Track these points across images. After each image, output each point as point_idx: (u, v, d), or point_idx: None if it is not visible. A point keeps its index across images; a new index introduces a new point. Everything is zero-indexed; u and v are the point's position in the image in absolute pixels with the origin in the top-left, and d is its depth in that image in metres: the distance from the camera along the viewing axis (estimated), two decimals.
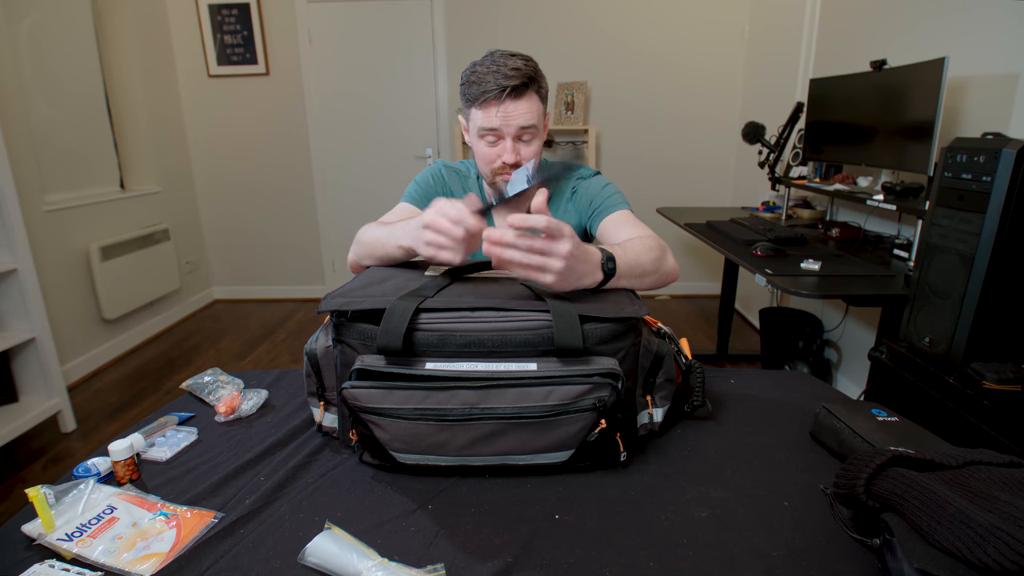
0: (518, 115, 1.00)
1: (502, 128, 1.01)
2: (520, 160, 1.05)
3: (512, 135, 1.02)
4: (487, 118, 1.01)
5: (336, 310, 0.73)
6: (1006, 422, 1.01)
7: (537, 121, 1.03)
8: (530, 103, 1.01)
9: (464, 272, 0.83)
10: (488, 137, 1.04)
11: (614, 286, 0.80)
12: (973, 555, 0.47)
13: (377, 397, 0.66)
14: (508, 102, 0.99)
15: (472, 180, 1.21)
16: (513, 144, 1.03)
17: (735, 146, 3.66)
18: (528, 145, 1.05)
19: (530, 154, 1.06)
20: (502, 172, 1.05)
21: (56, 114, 2.76)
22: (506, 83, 0.97)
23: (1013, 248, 1.09)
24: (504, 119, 1.00)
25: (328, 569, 0.56)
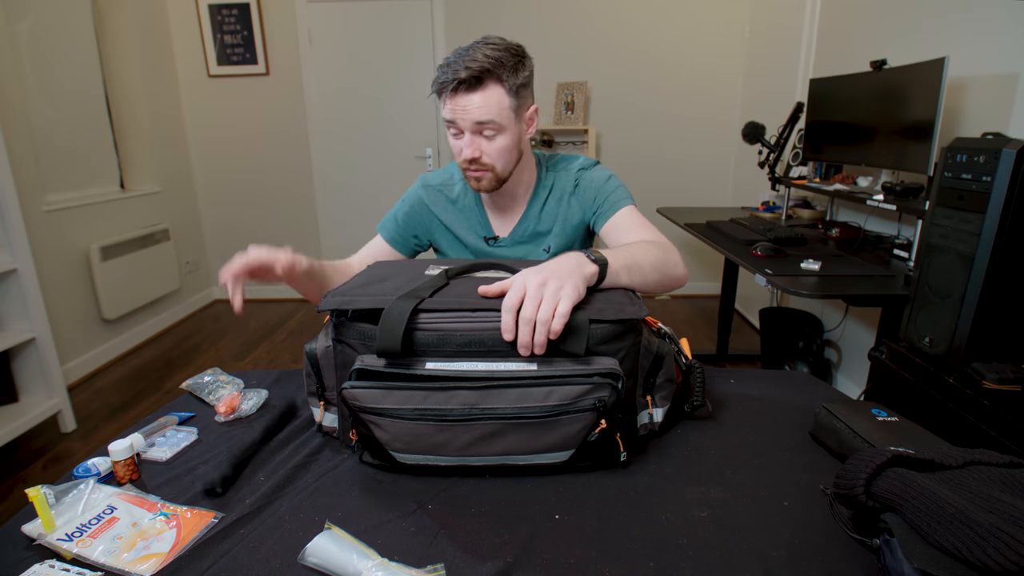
0: (472, 109, 0.95)
1: (458, 121, 0.97)
2: (480, 156, 1.00)
3: (469, 129, 0.97)
4: (445, 109, 0.98)
5: (336, 309, 0.73)
6: (1006, 422, 1.01)
7: (497, 116, 0.96)
8: (486, 96, 0.95)
9: (465, 271, 0.82)
10: (451, 129, 1.00)
11: (615, 284, 0.80)
12: (973, 555, 0.47)
13: (377, 397, 0.66)
14: (461, 95, 0.95)
15: (460, 185, 1.15)
16: (472, 138, 0.98)
17: (735, 146, 3.66)
18: (491, 141, 0.99)
19: (495, 152, 1.00)
20: (465, 168, 1.02)
21: (56, 114, 2.76)
22: (455, 76, 0.93)
23: (1013, 248, 1.09)
24: (458, 112, 0.96)
25: (328, 569, 0.55)
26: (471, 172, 1.02)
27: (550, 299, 0.66)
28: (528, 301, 0.66)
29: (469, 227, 1.14)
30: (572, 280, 0.70)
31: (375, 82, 3.68)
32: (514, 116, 0.99)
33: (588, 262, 0.76)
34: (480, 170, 1.02)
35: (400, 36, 3.60)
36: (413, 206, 1.15)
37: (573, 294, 0.68)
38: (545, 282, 0.67)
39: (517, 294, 0.66)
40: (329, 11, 3.58)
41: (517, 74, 0.97)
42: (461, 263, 0.85)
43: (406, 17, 3.57)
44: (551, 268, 0.71)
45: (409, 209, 1.15)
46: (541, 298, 0.66)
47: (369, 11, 3.57)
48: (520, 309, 0.66)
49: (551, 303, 0.66)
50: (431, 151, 3.78)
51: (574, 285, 0.69)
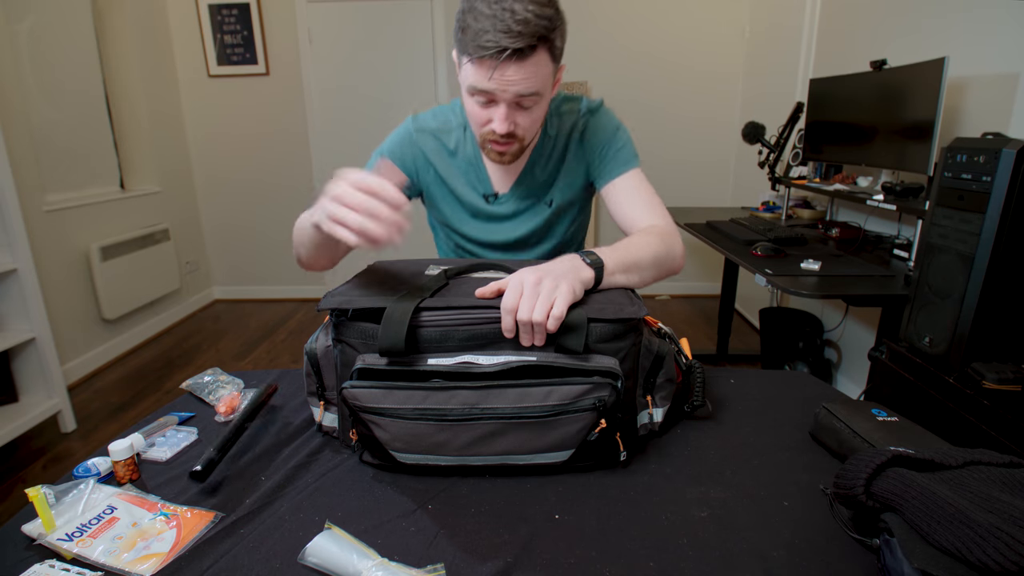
0: (518, 81, 0.81)
1: (497, 93, 0.83)
2: (515, 130, 0.88)
3: (507, 101, 0.84)
4: (479, 77, 0.81)
5: (336, 308, 0.73)
6: (1006, 422, 1.01)
7: (542, 87, 0.84)
8: (536, 67, 0.81)
9: (464, 272, 0.83)
10: (479, 97, 0.85)
11: (612, 285, 0.80)
12: (973, 555, 0.47)
13: (377, 397, 0.66)
14: (509, 65, 0.79)
15: (457, 134, 1.01)
16: (508, 111, 0.85)
17: (735, 146, 3.67)
18: (528, 113, 0.87)
19: (529, 123, 0.88)
20: (492, 141, 0.89)
21: (56, 114, 2.76)
22: (508, 43, 0.77)
23: (1013, 248, 1.09)
24: (501, 84, 0.81)
25: (328, 569, 0.56)
26: (498, 146, 0.90)
27: (546, 298, 0.67)
28: (524, 301, 0.66)
29: (467, 181, 1.03)
30: (567, 280, 0.70)
31: (375, 82, 3.68)
32: (551, 79, 0.87)
33: (584, 266, 0.76)
34: (508, 143, 0.90)
35: (400, 36, 3.60)
36: (406, 149, 1.02)
37: (568, 294, 0.68)
38: (540, 281, 0.68)
39: (514, 295, 0.67)
40: (329, 11, 3.58)
41: (561, 34, 0.83)
42: (460, 264, 0.85)
43: (406, 17, 3.57)
44: (547, 267, 0.71)
45: (403, 152, 1.01)
46: (537, 296, 0.66)
47: (369, 11, 3.57)
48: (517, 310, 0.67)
49: (547, 302, 0.66)
50: None
51: (569, 285, 0.70)
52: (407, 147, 1.02)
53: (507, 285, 0.69)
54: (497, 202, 1.04)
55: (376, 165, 1.01)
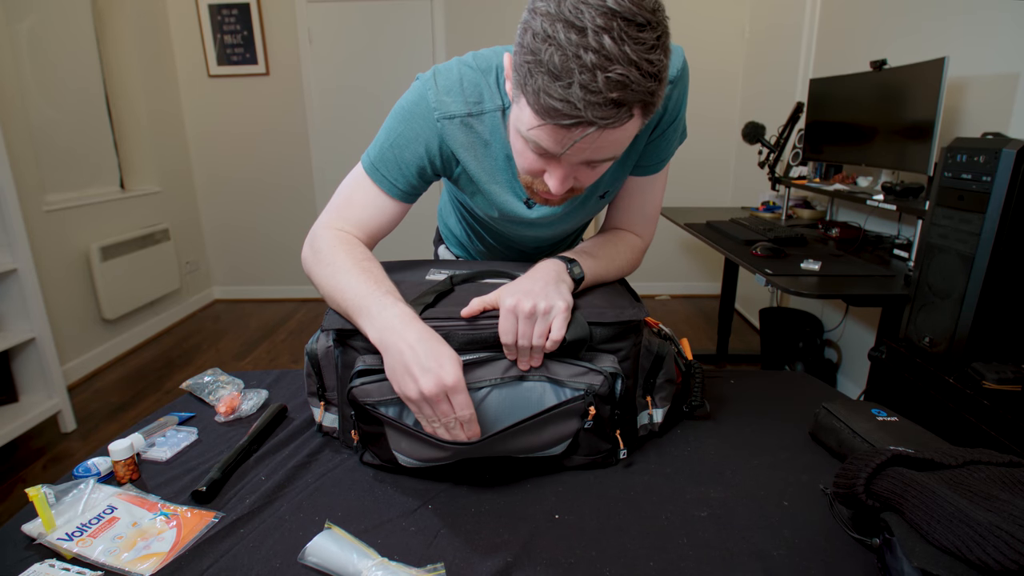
0: (595, 150, 0.61)
1: (564, 158, 0.63)
2: (574, 191, 0.70)
3: (575, 163, 0.64)
4: (543, 137, 0.60)
5: (339, 328, 0.73)
6: (1006, 422, 1.01)
7: (622, 150, 0.64)
8: (624, 133, 0.60)
9: (469, 279, 0.82)
10: (532, 151, 0.64)
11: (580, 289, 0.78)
12: (973, 554, 0.47)
13: (387, 389, 0.66)
14: (593, 134, 0.58)
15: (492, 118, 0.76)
16: (569, 172, 0.65)
17: (735, 146, 3.67)
18: (594, 172, 0.67)
19: (591, 177, 0.68)
20: (540, 189, 0.70)
21: (56, 114, 2.75)
22: (594, 117, 0.55)
23: (1013, 248, 1.09)
24: (576, 151, 0.61)
25: (328, 569, 0.56)
26: (550, 196, 0.70)
27: (542, 325, 0.67)
28: (521, 332, 0.66)
29: (503, 181, 0.81)
30: (559, 294, 0.69)
31: (375, 82, 3.68)
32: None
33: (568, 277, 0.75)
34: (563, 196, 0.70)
35: (400, 36, 3.60)
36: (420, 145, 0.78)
37: (565, 314, 0.67)
38: (534, 308, 0.66)
39: (510, 325, 0.67)
40: (329, 11, 3.57)
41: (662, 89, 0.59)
42: (464, 268, 0.85)
43: (406, 17, 3.57)
44: (538, 288, 0.69)
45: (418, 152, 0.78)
46: (533, 324, 0.66)
47: (369, 11, 3.57)
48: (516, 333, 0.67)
49: (543, 327, 0.67)
50: None
51: (563, 300, 0.68)
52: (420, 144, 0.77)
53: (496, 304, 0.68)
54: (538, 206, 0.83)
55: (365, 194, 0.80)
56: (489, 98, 0.76)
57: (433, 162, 0.79)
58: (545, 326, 0.67)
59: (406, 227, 1.06)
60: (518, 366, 0.68)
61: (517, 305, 0.66)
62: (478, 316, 0.69)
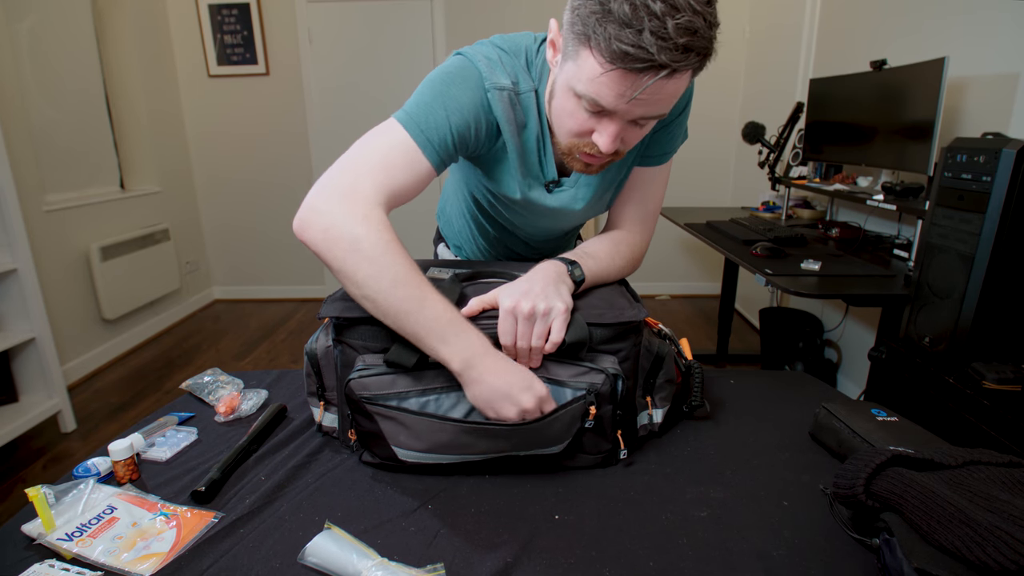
0: (654, 103, 0.63)
1: (621, 112, 0.64)
2: (622, 151, 0.70)
3: (627, 118, 0.66)
4: (606, 91, 0.62)
5: (337, 316, 0.73)
6: (1006, 422, 1.01)
7: (672, 104, 0.67)
8: (679, 87, 0.63)
9: (471, 278, 0.82)
10: (588, 106, 0.65)
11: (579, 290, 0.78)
12: (972, 554, 0.47)
13: (386, 383, 0.66)
14: (657, 82, 0.60)
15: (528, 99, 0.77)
16: (622, 128, 0.67)
17: (735, 146, 3.66)
18: (641, 130, 0.69)
19: (637, 138, 0.70)
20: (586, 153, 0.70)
21: (56, 114, 2.75)
22: (668, 60, 0.57)
23: (1013, 248, 1.09)
24: (635, 103, 0.62)
25: (328, 569, 0.56)
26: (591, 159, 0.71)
27: (541, 326, 0.67)
28: (521, 333, 0.66)
29: (529, 162, 0.81)
30: (559, 295, 0.69)
31: (375, 82, 3.68)
32: None
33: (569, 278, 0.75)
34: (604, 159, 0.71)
35: (400, 36, 3.60)
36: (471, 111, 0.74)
37: (564, 315, 0.68)
38: (533, 310, 0.66)
39: (510, 326, 0.67)
40: (329, 11, 3.57)
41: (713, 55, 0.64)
42: (465, 268, 0.85)
43: (406, 17, 3.57)
44: (538, 289, 0.68)
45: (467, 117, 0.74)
46: (532, 325, 0.67)
47: (369, 11, 3.57)
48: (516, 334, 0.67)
49: (542, 330, 0.67)
50: None
51: (563, 302, 0.68)
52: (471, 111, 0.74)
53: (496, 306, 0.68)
54: (559, 189, 0.84)
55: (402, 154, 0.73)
56: (524, 79, 0.77)
57: (479, 130, 0.75)
58: (544, 327, 0.67)
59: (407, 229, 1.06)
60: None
61: (516, 306, 0.66)
62: (477, 316, 0.69)
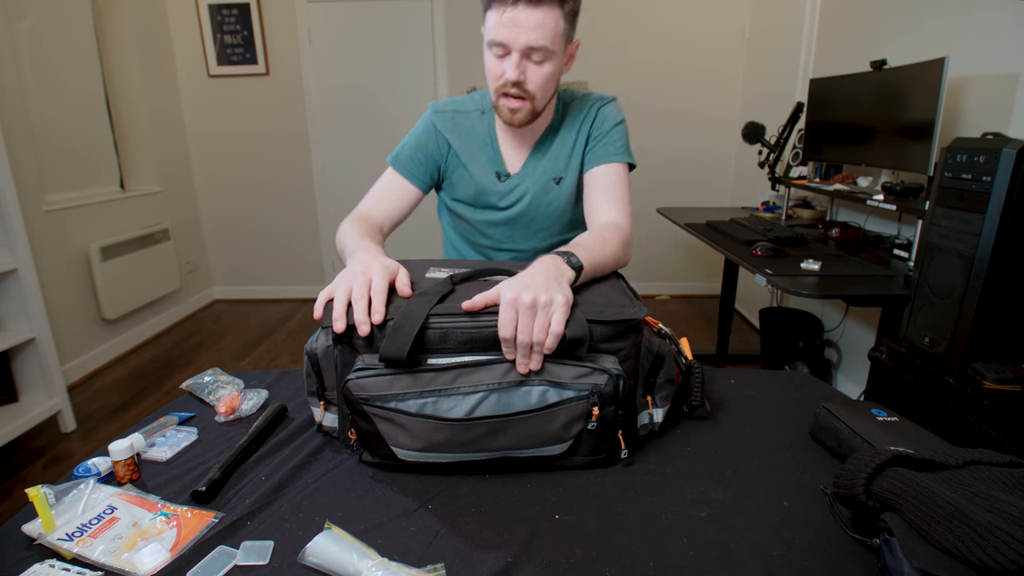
0: (529, 28, 0.88)
1: (508, 42, 0.90)
2: (525, 83, 0.93)
3: (519, 50, 0.91)
4: (496, 26, 0.90)
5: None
6: (1006, 422, 1.01)
7: (551, 43, 0.91)
8: (546, 18, 0.88)
9: (469, 277, 0.82)
10: (495, 49, 0.93)
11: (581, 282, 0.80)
12: (973, 555, 0.47)
13: (384, 384, 0.66)
14: (521, 7, 0.87)
15: (475, 116, 1.08)
16: (520, 60, 0.92)
17: (735, 146, 3.66)
18: (538, 68, 0.93)
19: (538, 78, 0.93)
20: (505, 92, 0.95)
21: (56, 114, 2.76)
22: None
23: (1013, 248, 1.09)
24: (512, 29, 0.89)
25: (328, 569, 0.56)
26: (510, 101, 0.96)
27: (542, 318, 0.66)
28: (521, 325, 0.66)
29: (481, 159, 1.09)
30: (560, 289, 0.69)
31: (375, 82, 3.68)
32: (563, 44, 0.95)
33: (567, 268, 0.76)
34: (519, 98, 0.96)
35: (400, 36, 3.60)
36: (425, 135, 1.09)
37: (564, 307, 0.67)
38: (535, 301, 0.66)
39: (510, 318, 0.66)
40: (329, 11, 3.57)
41: (576, 4, 0.93)
42: (464, 268, 0.85)
43: (406, 17, 3.57)
44: (539, 283, 0.69)
45: (423, 140, 1.09)
46: (534, 318, 0.66)
47: (369, 11, 3.57)
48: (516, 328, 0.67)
49: (543, 322, 0.66)
50: None
51: (563, 295, 0.68)
52: (425, 137, 1.09)
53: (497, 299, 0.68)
54: (508, 180, 1.10)
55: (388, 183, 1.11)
56: (472, 104, 1.11)
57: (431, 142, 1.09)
58: (545, 319, 0.66)
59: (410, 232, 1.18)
60: (517, 369, 0.67)
61: (517, 298, 0.66)
62: (479, 312, 0.69)
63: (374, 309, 0.69)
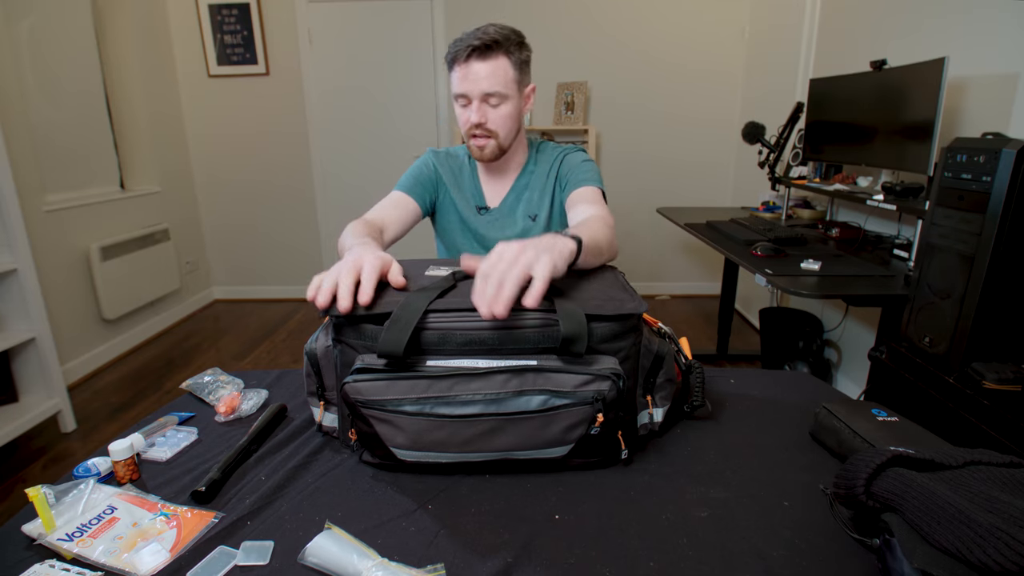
0: (483, 77, 1.05)
1: (468, 92, 1.06)
2: (485, 121, 1.09)
3: (477, 97, 1.07)
4: (458, 81, 1.07)
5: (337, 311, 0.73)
6: (1006, 422, 1.01)
7: (504, 88, 1.07)
8: (496, 66, 1.05)
9: (468, 276, 0.82)
10: (460, 100, 1.10)
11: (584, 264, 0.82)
12: (973, 555, 0.46)
13: (380, 389, 0.66)
14: (473, 62, 1.05)
15: (464, 159, 1.26)
16: (479, 105, 1.08)
17: (735, 146, 3.67)
18: (497, 111, 1.09)
19: (498, 118, 1.09)
20: (472, 133, 1.11)
21: (56, 114, 2.76)
22: (472, 43, 1.04)
23: (1013, 248, 1.09)
24: (469, 80, 1.05)
25: (328, 569, 0.55)
26: (476, 140, 1.12)
27: (524, 265, 0.66)
28: (500, 269, 0.65)
29: (466, 195, 1.26)
30: (549, 254, 0.69)
31: (375, 82, 3.68)
32: (516, 89, 1.10)
33: (567, 240, 0.76)
34: (485, 136, 1.12)
35: (400, 36, 3.60)
36: (424, 168, 1.25)
37: (549, 266, 0.67)
38: (523, 250, 0.68)
39: (494, 260, 0.67)
40: (329, 11, 3.58)
41: (521, 51, 1.09)
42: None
43: (406, 17, 3.57)
44: (530, 241, 0.71)
45: (421, 170, 1.25)
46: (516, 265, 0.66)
47: (369, 11, 3.57)
48: None
49: (519, 272, 0.65)
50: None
51: (551, 259, 0.69)
52: (424, 168, 1.26)
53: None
54: (488, 213, 1.26)
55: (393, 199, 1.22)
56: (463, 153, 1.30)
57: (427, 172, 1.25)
58: (523, 272, 0.65)
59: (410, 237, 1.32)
60: (479, 310, 0.65)
61: (505, 247, 0.68)
62: (478, 312, 0.69)
63: (361, 290, 0.70)
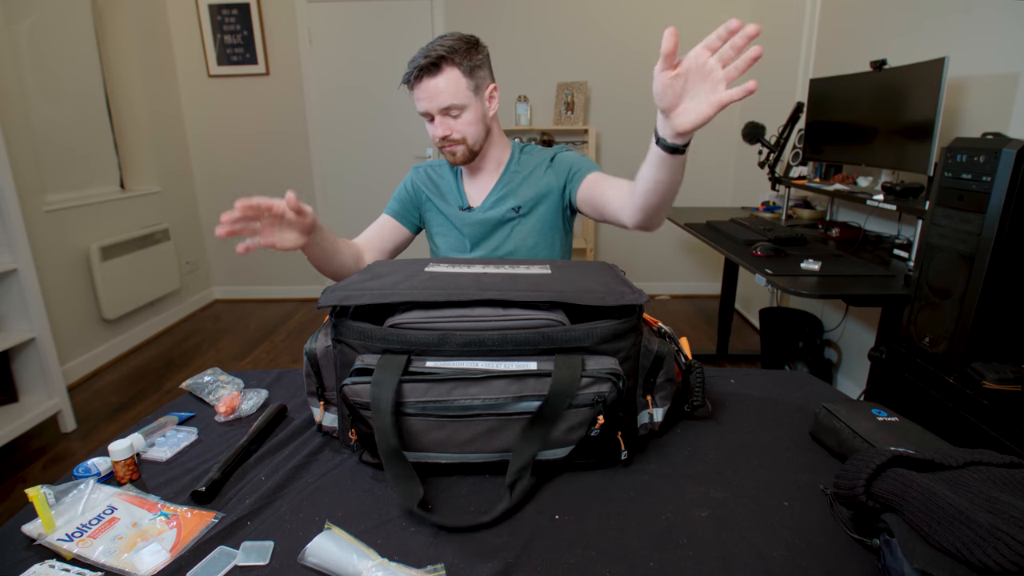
0: (435, 94, 1.06)
1: (427, 109, 1.09)
2: (450, 133, 1.11)
3: (437, 112, 1.09)
4: (417, 101, 1.09)
5: (336, 305, 0.73)
6: (1006, 422, 1.01)
7: (458, 99, 1.07)
8: (447, 79, 1.06)
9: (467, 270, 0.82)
10: (424, 117, 1.12)
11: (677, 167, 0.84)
12: (973, 556, 0.46)
13: None
14: (425, 81, 1.06)
15: (446, 167, 1.29)
16: (441, 119, 1.10)
17: (735, 146, 3.66)
18: (458, 120, 1.10)
19: (461, 126, 1.11)
20: (441, 145, 1.14)
21: (56, 114, 2.75)
22: (419, 63, 1.05)
23: (1013, 248, 1.09)
24: (423, 100, 1.08)
25: (328, 569, 0.55)
26: (446, 149, 1.15)
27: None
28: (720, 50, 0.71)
29: (448, 199, 1.27)
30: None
31: (375, 82, 3.68)
32: (473, 95, 1.11)
33: None
34: (452, 144, 1.14)
35: (400, 36, 3.60)
36: (404, 191, 1.29)
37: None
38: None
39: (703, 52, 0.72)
40: (329, 11, 3.58)
41: (470, 57, 1.08)
42: (463, 265, 0.85)
43: (406, 17, 3.57)
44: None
45: (402, 193, 1.29)
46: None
47: (369, 11, 3.57)
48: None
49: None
50: (431, 151, 3.78)
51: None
52: (403, 191, 1.29)
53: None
54: (471, 211, 1.27)
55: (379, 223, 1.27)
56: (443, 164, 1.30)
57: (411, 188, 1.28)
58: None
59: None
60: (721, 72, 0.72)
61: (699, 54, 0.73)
62: (479, 310, 0.69)
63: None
